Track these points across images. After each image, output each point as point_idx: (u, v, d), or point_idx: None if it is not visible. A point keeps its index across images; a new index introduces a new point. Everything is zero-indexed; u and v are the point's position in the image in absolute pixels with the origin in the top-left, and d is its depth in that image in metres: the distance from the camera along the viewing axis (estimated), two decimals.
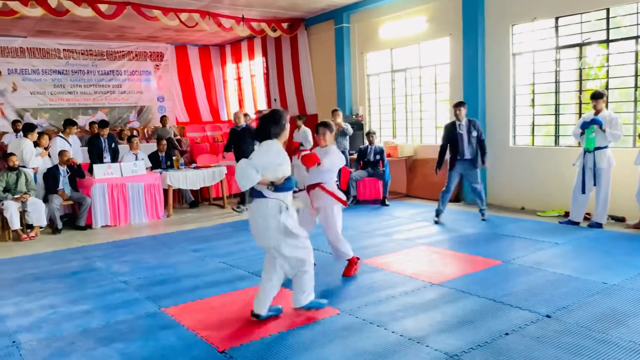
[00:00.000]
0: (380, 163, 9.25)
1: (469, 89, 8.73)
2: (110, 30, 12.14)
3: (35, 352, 3.66)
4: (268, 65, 13.63)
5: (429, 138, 10.04)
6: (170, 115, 13.50)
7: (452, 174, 7.46)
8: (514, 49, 8.29)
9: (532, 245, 5.93)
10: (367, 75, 11.09)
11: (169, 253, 6.43)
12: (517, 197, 8.34)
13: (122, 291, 4.96)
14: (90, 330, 4.02)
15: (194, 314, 4.26)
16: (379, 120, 11.06)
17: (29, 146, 8.22)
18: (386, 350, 3.42)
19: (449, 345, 3.46)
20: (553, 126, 8.02)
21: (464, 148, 7.30)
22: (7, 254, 6.74)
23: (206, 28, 10.82)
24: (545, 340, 3.48)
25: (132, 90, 14.11)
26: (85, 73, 13.36)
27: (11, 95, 12.41)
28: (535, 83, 8.14)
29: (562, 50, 7.73)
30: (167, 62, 14.54)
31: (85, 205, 8.14)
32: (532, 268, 5.08)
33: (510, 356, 3.27)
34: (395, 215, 8.18)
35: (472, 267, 5.22)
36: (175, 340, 3.75)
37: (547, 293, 4.37)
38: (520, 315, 3.91)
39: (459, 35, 8.84)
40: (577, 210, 6.93)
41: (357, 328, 3.82)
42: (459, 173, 7.48)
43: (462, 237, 6.55)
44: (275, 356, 3.42)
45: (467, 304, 4.21)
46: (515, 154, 8.39)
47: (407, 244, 6.30)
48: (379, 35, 10.52)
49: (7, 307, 4.65)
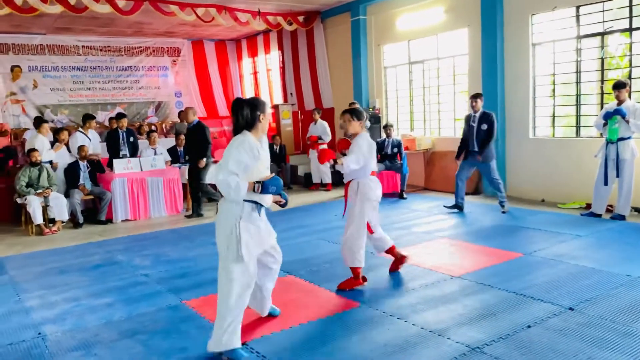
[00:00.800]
0: (397, 156, 9.20)
1: (488, 80, 8.63)
2: (128, 27, 12.23)
3: (60, 343, 3.73)
4: (284, 59, 13.62)
5: (447, 130, 9.96)
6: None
7: (463, 164, 7.61)
8: (533, 39, 8.16)
9: (553, 238, 5.86)
10: (384, 68, 11.02)
11: (189, 246, 6.48)
12: (537, 189, 8.24)
13: (143, 284, 5.02)
14: (113, 322, 4.08)
15: (215, 306, 4.26)
16: (396, 113, 11.00)
17: (40, 140, 8.34)
18: (407, 343, 3.42)
19: (471, 337, 3.44)
20: (574, 117, 7.90)
21: (473, 140, 7.37)
22: (31, 248, 6.86)
23: (222, 23, 10.84)
24: (568, 332, 3.44)
25: (150, 86, 14.22)
26: (104, 69, 13.50)
27: (32, 92, 12.60)
28: (555, 73, 8.02)
29: (583, 39, 7.60)
30: (184, 58, 14.63)
31: (105, 200, 8.24)
32: (554, 260, 5.02)
33: (532, 349, 3.24)
34: (413, 209, 8.14)
35: (492, 259, 5.18)
36: (197, 332, 3.79)
37: (569, 285, 4.32)
38: (542, 308, 3.87)
39: (478, 26, 8.74)
40: (600, 202, 6.82)
41: (377, 321, 3.82)
42: (471, 164, 7.57)
43: (482, 230, 6.50)
44: (296, 348, 3.43)
45: (488, 297, 4.18)
46: (535, 145, 8.28)
47: (426, 237, 6.27)
48: (395, 26, 10.44)
49: (32, 299, 4.74)
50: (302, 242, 6.38)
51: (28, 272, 5.68)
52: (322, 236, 6.58)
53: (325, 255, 5.65)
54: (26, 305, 4.60)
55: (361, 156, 4.37)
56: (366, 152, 4.40)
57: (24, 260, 6.25)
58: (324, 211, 8.27)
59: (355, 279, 4.56)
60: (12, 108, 12.27)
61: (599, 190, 6.79)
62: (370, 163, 4.49)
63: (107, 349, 3.58)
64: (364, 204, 4.50)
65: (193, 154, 8.29)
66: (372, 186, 4.53)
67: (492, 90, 8.55)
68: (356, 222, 4.50)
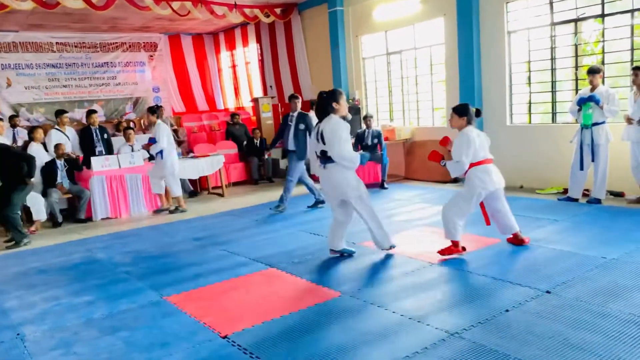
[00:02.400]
0: (378, 146, 9.24)
1: (465, 68, 8.69)
2: (103, 22, 12.04)
3: (39, 342, 3.70)
4: (262, 52, 13.54)
5: (426, 120, 10.02)
6: (166, 106, 13.46)
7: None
8: (508, 27, 8.23)
9: (531, 223, 5.94)
10: (362, 59, 11.03)
11: (170, 242, 6.45)
12: (515, 176, 8.33)
13: (124, 281, 4.99)
14: (94, 320, 4.05)
15: (196, 301, 4.29)
16: (375, 103, 11.02)
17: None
18: (387, 330, 3.45)
19: (450, 323, 3.49)
20: (550, 103, 8.00)
21: (290, 138, 7.62)
22: (10, 249, 6.76)
23: (199, 16, 10.74)
24: (545, 315, 3.50)
25: (127, 82, 14.02)
26: (79, 66, 13.26)
27: (6, 91, 12.33)
28: (531, 61, 8.10)
29: (557, 26, 7.68)
30: (161, 52, 14.44)
31: (84, 198, 8.15)
32: (532, 245, 5.10)
33: (510, 332, 3.29)
34: (394, 198, 8.20)
35: (471, 246, 5.23)
36: (179, 327, 3.78)
37: (546, 269, 4.39)
38: (520, 292, 3.94)
39: (453, 15, 8.78)
40: (576, 186, 6.93)
41: (358, 309, 3.85)
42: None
43: None
44: (277, 339, 3.45)
45: (467, 283, 4.24)
46: (512, 132, 8.38)
47: (406, 225, 6.32)
48: (373, 17, 10.44)
49: (11, 300, 4.68)
50: (284, 234, 6.39)
51: (6, 273, 5.61)
52: (304, 228, 6.59)
53: (306, 247, 5.67)
54: (4, 306, 4.54)
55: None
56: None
57: (2, 261, 6.16)
58: (305, 203, 8.27)
59: (455, 247, 4.91)
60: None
61: (575, 175, 6.90)
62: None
63: (87, 347, 3.56)
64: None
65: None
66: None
67: (469, 78, 8.62)
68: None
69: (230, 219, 7.60)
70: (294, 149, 7.60)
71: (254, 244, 5.98)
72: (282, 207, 7.69)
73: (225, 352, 3.33)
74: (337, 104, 4.85)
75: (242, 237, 6.42)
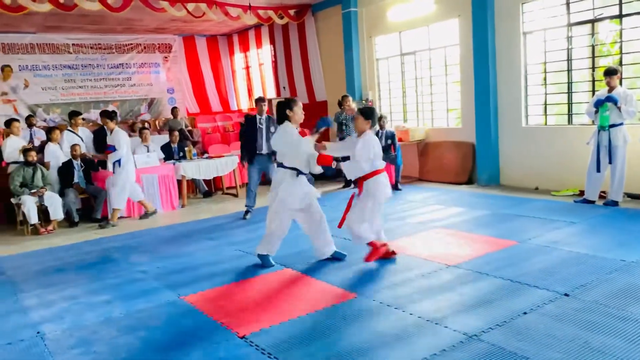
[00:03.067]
0: (391, 148, 9.22)
1: (480, 69, 8.65)
2: (118, 23, 12.16)
3: (59, 341, 3.74)
4: (276, 53, 13.59)
5: (440, 121, 9.99)
6: (180, 107, 13.56)
7: (252, 168, 7.70)
8: (524, 27, 8.18)
9: (547, 225, 5.90)
10: (376, 60, 11.02)
11: (185, 242, 6.49)
12: (531, 177, 8.29)
13: (141, 281, 5.03)
14: (112, 319, 4.09)
15: (213, 301, 4.32)
16: (389, 104, 11.01)
17: (11, 140, 8.24)
18: (405, 332, 3.45)
19: (468, 325, 3.47)
20: (566, 105, 7.93)
21: (263, 142, 7.56)
22: (28, 248, 6.84)
23: (213, 18, 10.80)
24: (564, 318, 3.48)
25: (142, 83, 14.15)
26: (95, 67, 13.42)
27: (23, 92, 12.51)
28: (547, 62, 8.04)
29: (573, 27, 7.62)
30: (175, 54, 14.56)
31: (100, 198, 8.22)
32: (549, 247, 5.07)
33: (529, 335, 3.27)
34: (408, 200, 8.18)
35: (487, 248, 5.22)
36: (196, 327, 3.81)
37: (564, 272, 4.36)
38: (538, 295, 3.91)
39: (469, 15, 8.74)
40: (592, 188, 6.87)
41: (375, 311, 3.85)
42: (261, 168, 7.65)
43: (477, 219, 6.53)
44: (295, 340, 3.45)
45: (484, 285, 4.21)
46: (528, 133, 8.32)
47: (421, 227, 6.30)
48: (387, 18, 10.43)
49: (30, 299, 4.74)
50: (299, 235, 6.37)
51: (25, 272, 5.68)
52: None
53: None
54: (24, 304, 4.60)
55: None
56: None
57: (21, 260, 6.24)
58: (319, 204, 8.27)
59: (376, 248, 4.91)
60: (4, 108, 12.17)
61: (592, 177, 6.84)
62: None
63: (106, 346, 3.59)
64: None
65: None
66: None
67: (484, 79, 8.58)
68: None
69: (244, 220, 7.62)
70: (268, 152, 7.50)
71: None
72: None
73: (243, 352, 3.35)
74: (290, 111, 4.99)
75: (256, 237, 6.39)
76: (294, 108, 5.01)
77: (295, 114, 5.03)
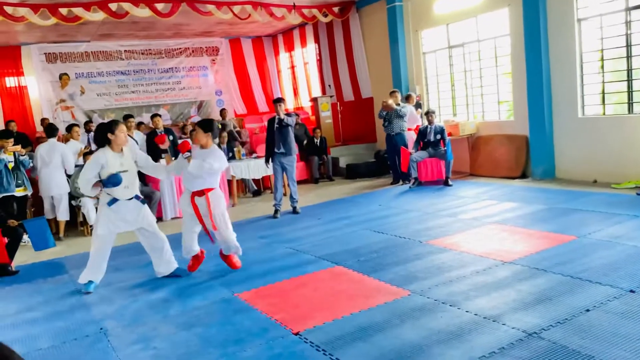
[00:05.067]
0: (441, 142, 9.06)
1: (532, 60, 8.37)
2: (167, 29, 12.49)
3: (121, 337, 3.87)
4: (321, 52, 13.61)
5: (491, 114, 9.74)
6: (228, 108, 13.77)
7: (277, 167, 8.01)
8: (578, 14, 7.86)
9: (608, 219, 5.65)
10: (422, 53, 10.86)
11: (237, 240, 6.56)
12: (588, 170, 7.96)
13: (196, 278, 5.15)
14: (170, 316, 4.20)
15: (266, 298, 4.37)
16: (437, 98, 10.83)
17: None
18: (461, 330, 3.38)
19: (527, 323, 3.37)
20: (625, 93, 7.57)
21: (280, 142, 7.73)
22: (88, 248, 7.09)
23: (259, 19, 10.92)
24: (631, 315, 3.32)
25: (191, 86, 14.48)
26: (146, 72, 13.83)
27: (80, 98, 13.05)
28: (604, 49, 7.70)
29: (632, 11, 7.26)
30: (222, 56, 14.82)
31: (155, 199, 8.46)
32: (610, 242, 4.85)
33: (593, 333, 3.14)
34: (459, 195, 8.02)
35: (544, 243, 5.04)
36: (251, 323, 3.86)
37: (628, 267, 4.16)
38: (601, 291, 3.75)
39: (519, 4, 8.48)
40: None
41: (429, 308, 3.79)
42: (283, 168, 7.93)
43: (532, 214, 6.33)
44: (349, 337, 3.44)
45: (543, 281, 4.08)
46: (585, 124, 8.00)
47: (474, 223, 6.16)
48: (433, 11, 10.26)
49: (92, 296, 4.93)
50: (349, 232, 6.38)
51: None
52: (368, 226, 6.56)
53: (372, 245, 5.64)
54: (87, 301, 4.79)
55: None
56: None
57: (82, 260, 6.45)
58: (367, 201, 8.24)
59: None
60: (63, 114, 12.74)
61: None
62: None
63: (165, 342, 3.69)
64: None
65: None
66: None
67: (536, 69, 8.30)
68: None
69: (293, 217, 7.68)
70: (283, 151, 7.71)
71: (319, 242, 6.01)
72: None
73: (298, 348, 3.37)
74: (112, 134, 4.85)
75: (307, 235, 6.47)
76: (115, 131, 4.86)
77: (117, 137, 4.88)
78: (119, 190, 4.90)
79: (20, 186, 7.30)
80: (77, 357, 3.62)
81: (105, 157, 4.84)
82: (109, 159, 4.83)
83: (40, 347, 3.84)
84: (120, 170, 4.84)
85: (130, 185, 5.00)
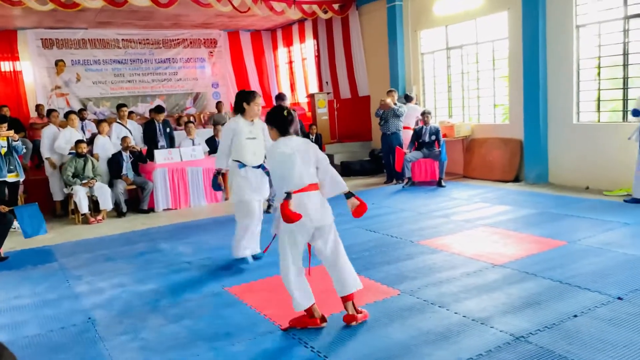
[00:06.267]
0: (436, 143, 9.09)
1: (529, 64, 8.40)
2: (166, 19, 12.41)
3: (109, 327, 3.86)
4: (319, 48, 13.59)
5: (486, 117, 9.77)
6: (224, 101, 13.72)
7: None
8: (577, 20, 7.89)
9: (599, 226, 5.69)
10: (421, 54, 10.86)
11: (229, 234, 6.51)
12: (581, 176, 8.00)
13: (186, 271, 5.14)
14: (159, 308, 4.19)
15: (256, 293, 4.36)
16: (434, 99, 10.84)
17: (58, 133, 8.52)
18: (449, 331, 3.39)
19: (515, 326, 3.39)
20: (621, 101, 7.61)
21: None
22: (79, 237, 7.09)
23: (258, 12, 10.88)
24: (618, 322, 3.34)
25: (188, 77, 14.41)
26: (143, 62, 13.75)
27: (75, 86, 12.95)
28: (601, 56, 7.73)
29: (630, 19, 7.30)
30: (220, 49, 14.75)
31: (147, 190, 8.44)
32: (601, 249, 4.88)
33: (580, 339, 3.16)
34: (452, 197, 8.04)
35: (535, 247, 5.07)
36: (240, 318, 3.86)
37: (617, 274, 4.19)
38: (589, 297, 3.78)
39: (518, 8, 8.49)
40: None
41: (418, 308, 3.80)
42: None
43: (524, 218, 6.36)
44: (338, 334, 3.45)
45: (532, 286, 4.10)
46: (579, 131, 8.04)
47: (466, 225, 6.18)
48: (432, 12, 10.26)
49: (81, 285, 4.91)
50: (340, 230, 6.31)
51: (76, 260, 5.88)
52: (360, 224, 6.55)
53: (363, 244, 5.65)
54: (76, 291, 4.77)
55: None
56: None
57: (72, 248, 6.47)
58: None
59: (310, 317, 3.62)
60: (57, 101, 12.64)
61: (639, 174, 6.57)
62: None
63: (153, 334, 3.69)
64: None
65: None
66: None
67: (533, 74, 8.33)
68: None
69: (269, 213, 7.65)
70: None
71: None
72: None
73: (286, 344, 3.38)
74: (247, 104, 5.05)
75: None
76: (250, 102, 5.07)
77: (251, 109, 5.09)
78: (247, 155, 5.05)
79: (12, 172, 7.25)
80: (64, 346, 3.61)
81: (237, 124, 5.06)
82: (239, 125, 5.06)
83: (26, 335, 3.82)
84: (248, 137, 5.06)
85: (258, 152, 5.13)
